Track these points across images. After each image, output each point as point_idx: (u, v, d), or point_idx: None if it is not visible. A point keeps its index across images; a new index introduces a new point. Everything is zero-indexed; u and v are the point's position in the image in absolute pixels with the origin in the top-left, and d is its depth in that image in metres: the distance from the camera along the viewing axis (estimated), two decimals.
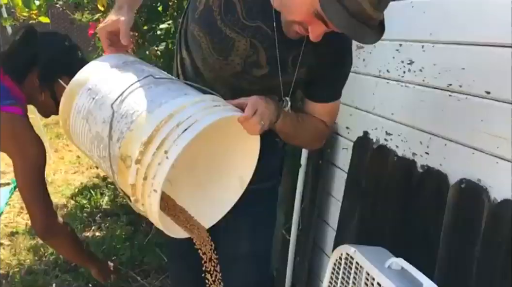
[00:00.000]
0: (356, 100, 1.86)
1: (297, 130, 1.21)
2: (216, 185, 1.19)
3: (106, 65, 1.10)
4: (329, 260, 1.29)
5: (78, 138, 1.10)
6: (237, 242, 1.35)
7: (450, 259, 1.29)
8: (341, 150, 1.97)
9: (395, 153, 1.58)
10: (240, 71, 1.17)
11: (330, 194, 2.03)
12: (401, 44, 1.57)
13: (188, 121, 0.94)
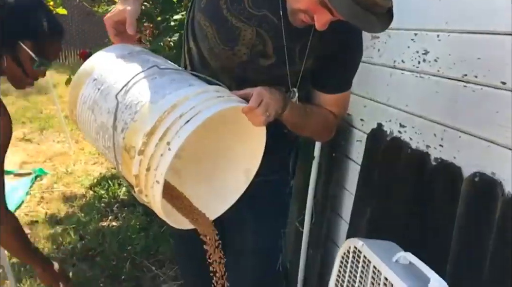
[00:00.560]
0: (371, 91, 1.83)
1: (305, 121, 1.19)
2: (222, 177, 1.18)
3: (112, 56, 1.10)
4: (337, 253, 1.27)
5: (84, 128, 1.10)
6: (244, 234, 1.34)
7: (463, 253, 1.26)
8: (355, 142, 1.94)
9: (409, 145, 1.55)
10: (246, 61, 1.16)
11: (343, 187, 2.01)
12: (416, 33, 1.53)
13: (190, 112, 0.93)
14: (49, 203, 3.32)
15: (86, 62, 1.11)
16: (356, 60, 1.24)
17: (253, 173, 1.15)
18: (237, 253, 1.35)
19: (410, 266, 1.05)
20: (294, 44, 1.14)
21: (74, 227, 2.87)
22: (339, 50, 1.16)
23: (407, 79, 1.58)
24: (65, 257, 2.59)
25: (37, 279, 2.35)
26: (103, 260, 2.51)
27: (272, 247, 1.35)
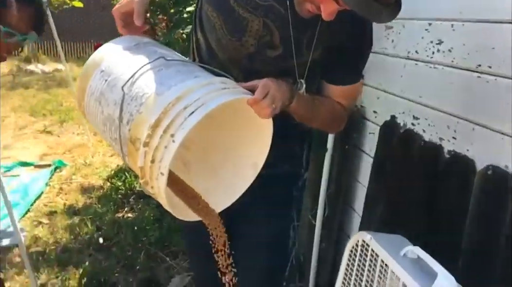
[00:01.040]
0: (384, 83, 1.80)
1: (313, 113, 1.18)
2: (229, 169, 1.17)
3: (119, 47, 1.10)
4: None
5: (92, 120, 1.11)
6: (254, 227, 1.33)
7: (475, 247, 1.23)
8: (368, 134, 1.91)
9: (422, 138, 1.52)
10: (254, 52, 1.15)
11: (356, 180, 1.99)
12: (431, 23, 1.50)
13: (195, 104, 0.93)
14: (68, 194, 3.38)
15: (94, 53, 1.12)
16: (365, 50, 1.22)
17: (260, 165, 1.14)
18: (246, 246, 1.35)
19: (418, 261, 1.03)
20: (302, 35, 1.13)
21: (91, 217, 2.91)
22: (347, 41, 1.14)
23: (420, 70, 1.55)
24: (82, 247, 2.64)
25: (54, 268, 2.41)
26: (119, 250, 2.55)
27: (281, 240, 1.34)
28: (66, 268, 2.42)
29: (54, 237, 2.75)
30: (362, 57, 1.22)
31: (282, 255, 1.37)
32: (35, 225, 2.91)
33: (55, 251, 2.58)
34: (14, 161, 4.06)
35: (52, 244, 2.66)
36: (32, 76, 8.24)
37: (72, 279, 2.31)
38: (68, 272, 2.38)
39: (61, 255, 2.54)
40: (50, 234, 2.78)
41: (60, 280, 2.32)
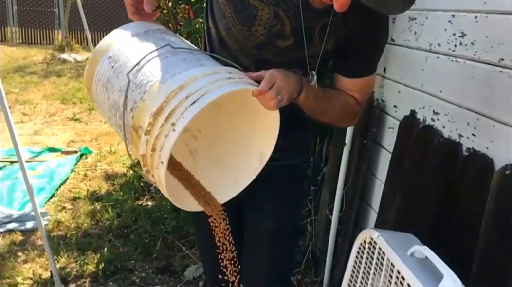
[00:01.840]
0: (406, 77, 1.75)
1: (324, 106, 1.14)
2: (236, 159, 1.16)
3: (128, 34, 1.10)
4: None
5: (99, 106, 1.11)
6: (261, 218, 1.32)
7: (490, 249, 1.18)
8: (387, 129, 1.86)
9: (441, 134, 1.47)
10: (264, 41, 1.12)
11: (374, 175, 1.94)
12: (454, 14, 1.44)
13: (197, 93, 0.91)
14: (92, 181, 3.44)
15: (103, 39, 1.12)
16: (380, 42, 1.17)
17: (266, 157, 1.12)
18: (253, 236, 1.34)
19: (425, 261, 0.99)
20: (314, 25, 1.09)
21: (112, 204, 2.96)
22: (361, 32, 1.10)
23: (442, 63, 1.49)
24: (102, 233, 2.68)
25: (74, 252, 2.46)
26: (137, 237, 2.58)
27: (288, 231, 1.32)
28: (85, 252, 2.46)
29: (76, 222, 2.80)
30: (377, 49, 1.18)
31: (289, 248, 1.35)
32: (59, 210, 2.98)
33: (76, 235, 2.63)
34: (42, 146, 4.17)
35: (73, 229, 2.72)
36: (65, 64, 8.42)
37: (90, 264, 2.36)
38: (87, 257, 2.42)
39: (81, 239, 2.59)
40: (72, 219, 2.84)
41: (79, 264, 2.37)
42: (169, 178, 1.02)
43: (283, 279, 1.35)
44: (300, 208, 1.38)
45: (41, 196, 3.14)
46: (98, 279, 2.27)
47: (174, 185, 1.05)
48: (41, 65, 8.21)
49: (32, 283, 2.20)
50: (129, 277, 2.30)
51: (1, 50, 9.46)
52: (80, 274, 2.30)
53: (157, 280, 2.29)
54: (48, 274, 2.25)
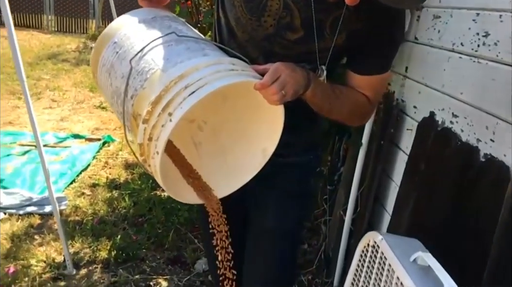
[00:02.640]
0: (426, 77, 1.69)
1: (332, 103, 1.10)
2: (239, 153, 1.14)
3: (135, 20, 1.09)
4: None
5: (103, 92, 1.11)
6: (262, 217, 1.29)
7: (503, 260, 1.13)
8: (405, 131, 1.80)
9: (459, 137, 1.40)
10: (273, 33, 1.09)
11: (389, 177, 1.89)
12: (479, 13, 1.37)
13: (197, 84, 0.89)
14: (112, 169, 3.48)
15: (110, 24, 1.11)
16: (395, 39, 1.12)
17: (270, 152, 1.09)
18: (255, 234, 1.32)
19: (428, 268, 0.95)
20: (325, 18, 1.06)
21: (129, 193, 2.98)
22: (374, 28, 1.06)
23: (464, 64, 1.43)
24: (117, 220, 2.71)
25: (88, 238, 2.49)
26: (150, 227, 2.59)
27: (290, 230, 1.29)
28: (99, 239, 2.49)
29: (93, 208, 2.84)
30: (391, 46, 1.13)
31: (291, 247, 1.32)
32: (78, 195, 3.02)
33: (92, 221, 2.67)
34: (68, 132, 4.24)
35: (90, 215, 2.75)
36: None
37: (103, 250, 2.38)
38: (100, 243, 2.45)
39: (96, 226, 2.62)
40: (90, 205, 2.88)
41: (92, 250, 2.39)
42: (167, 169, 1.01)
43: (283, 278, 1.31)
44: (306, 207, 1.33)
45: (62, 181, 3.20)
46: (109, 266, 2.29)
47: (171, 175, 1.04)
48: (74, 53, 8.37)
49: (45, 266, 2.24)
50: (140, 265, 2.31)
51: (37, 37, 9.71)
52: (93, 259, 2.33)
53: (167, 270, 2.29)
54: (61, 258, 2.28)
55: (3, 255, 2.29)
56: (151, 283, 2.17)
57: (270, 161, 1.11)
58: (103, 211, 2.81)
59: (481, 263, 1.17)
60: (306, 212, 1.35)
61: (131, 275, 2.23)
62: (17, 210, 2.73)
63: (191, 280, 2.23)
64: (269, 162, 1.11)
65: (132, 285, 2.15)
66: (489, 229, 1.17)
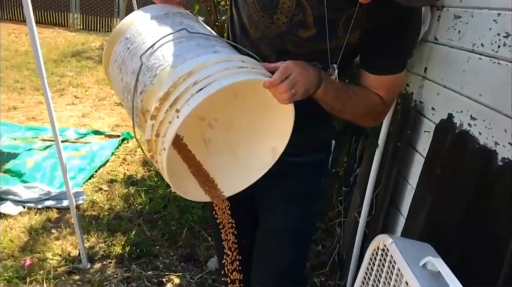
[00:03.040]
0: (446, 78, 1.65)
1: (345, 103, 1.08)
2: (248, 152, 1.13)
3: (148, 16, 1.09)
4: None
5: (115, 87, 1.11)
6: (270, 216, 1.28)
7: None
8: (422, 132, 1.77)
9: (477, 140, 1.37)
10: (285, 31, 1.08)
11: (405, 180, 1.85)
12: (500, 13, 1.33)
13: (205, 81, 0.89)
14: (130, 165, 3.51)
15: (123, 20, 1.11)
16: (410, 37, 1.10)
17: (279, 152, 1.08)
18: (263, 234, 1.31)
19: (438, 274, 0.92)
20: (338, 15, 1.04)
21: (145, 189, 3.01)
22: (388, 26, 1.04)
23: (484, 65, 1.39)
24: (133, 216, 2.73)
25: (104, 232, 2.52)
26: (164, 224, 2.61)
27: (298, 231, 1.27)
28: (114, 234, 2.51)
29: (110, 203, 2.87)
30: (406, 45, 1.10)
31: (299, 248, 1.30)
32: (96, 191, 3.06)
33: (108, 217, 2.69)
34: (88, 129, 4.30)
35: (106, 210, 2.78)
36: None
37: (117, 245, 2.40)
38: (115, 238, 2.47)
39: (112, 221, 2.64)
40: (107, 201, 2.91)
41: (107, 244, 2.42)
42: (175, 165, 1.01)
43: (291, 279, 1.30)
44: (315, 207, 1.32)
45: (80, 176, 3.25)
46: (123, 261, 2.31)
47: (179, 171, 1.03)
48: (98, 51, 8.49)
49: (60, 260, 2.27)
50: (153, 262, 2.32)
51: (62, 35, 9.88)
52: (107, 254, 2.35)
53: (180, 267, 2.30)
54: (77, 252, 2.31)
55: (20, 248, 2.33)
56: (163, 280, 2.18)
57: (280, 160, 1.10)
58: (120, 207, 2.84)
59: (496, 269, 1.14)
60: (316, 213, 1.33)
61: (144, 271, 2.24)
62: (35, 204, 2.78)
63: (203, 278, 2.23)
64: (279, 161, 1.10)
65: (144, 281, 2.17)
66: (505, 234, 1.13)
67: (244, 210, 1.33)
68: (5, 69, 6.41)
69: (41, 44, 6.85)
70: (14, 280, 2.07)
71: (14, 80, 5.83)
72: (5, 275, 2.08)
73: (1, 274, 2.09)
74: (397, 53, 1.10)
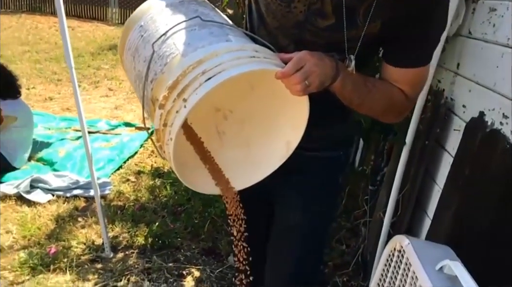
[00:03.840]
0: (478, 74, 1.56)
1: (363, 97, 1.03)
2: (262, 145, 1.10)
3: (163, 3, 1.07)
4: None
5: (128, 76, 1.10)
6: (287, 212, 1.25)
7: None
8: (452, 131, 1.69)
9: (508, 140, 1.29)
10: (303, 20, 1.04)
11: (433, 180, 1.78)
12: None
13: (214, 70, 0.86)
14: (157, 157, 3.53)
15: (139, 7, 1.10)
16: (435, 26, 1.03)
17: (293, 146, 1.05)
18: (280, 230, 1.27)
19: (454, 278, 0.87)
20: (358, 4, 0.99)
21: (171, 182, 3.02)
22: (414, 15, 0.98)
23: None
24: (157, 208, 2.75)
25: (128, 223, 2.54)
26: (187, 216, 2.61)
27: (316, 227, 1.23)
28: (138, 225, 2.54)
29: (136, 195, 2.90)
30: (430, 37, 1.04)
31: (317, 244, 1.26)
32: (123, 181, 3.10)
33: (133, 207, 2.72)
34: (120, 120, 4.37)
35: (132, 201, 2.81)
36: None
37: (140, 236, 2.42)
38: (139, 229, 2.50)
39: (137, 212, 2.67)
40: (133, 192, 2.94)
41: (130, 235, 2.44)
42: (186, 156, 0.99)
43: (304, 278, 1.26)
44: (332, 205, 1.27)
45: (109, 166, 3.29)
46: (145, 252, 2.33)
47: (190, 162, 1.01)
48: None
49: (84, 248, 2.31)
50: (175, 254, 2.33)
51: (101, 29, 10.10)
52: (130, 244, 2.37)
53: (201, 261, 2.29)
54: (101, 241, 2.34)
55: (47, 236, 2.38)
56: (183, 272, 2.18)
57: (296, 154, 1.06)
58: (145, 198, 2.86)
59: None
60: (333, 211, 1.28)
61: (165, 262, 2.25)
62: (64, 193, 2.84)
63: (223, 272, 2.22)
64: (295, 156, 1.06)
65: (165, 272, 2.17)
66: None
67: (260, 206, 1.30)
68: (44, 61, 6.61)
69: (80, 37, 7.10)
70: (39, 267, 2.11)
71: (52, 71, 6.00)
72: (30, 263, 2.13)
73: (27, 261, 2.14)
74: (421, 45, 1.04)
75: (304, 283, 1.23)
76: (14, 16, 10.65)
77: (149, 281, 2.10)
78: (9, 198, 2.74)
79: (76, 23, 10.29)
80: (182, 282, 2.13)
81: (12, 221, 2.52)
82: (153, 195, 2.91)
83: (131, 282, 2.09)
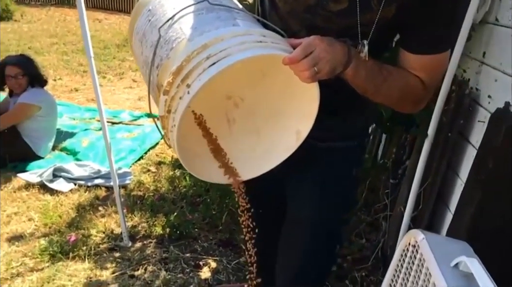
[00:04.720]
0: (505, 63, 1.49)
1: (379, 85, 0.98)
2: (272, 134, 1.06)
3: None
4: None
5: (136, 61, 1.09)
6: (299, 204, 1.21)
7: None
8: (476, 122, 1.62)
9: None
10: (314, 4, 0.99)
11: (456, 173, 1.71)
12: None
13: (219, 55, 0.83)
14: None
15: None
16: (453, 13, 0.97)
17: (303, 136, 1.01)
18: (291, 222, 1.24)
19: (470, 276, 0.82)
20: None
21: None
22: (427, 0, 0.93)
23: None
24: (176, 198, 2.75)
25: (147, 213, 2.55)
26: (205, 207, 2.60)
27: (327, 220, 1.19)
28: (157, 215, 2.54)
29: (156, 185, 2.91)
30: (448, 23, 0.98)
31: (328, 237, 1.23)
32: (144, 172, 3.12)
33: (153, 198, 2.73)
34: (143, 111, 4.39)
35: (151, 191, 2.83)
36: None
37: (158, 226, 2.43)
38: (157, 219, 2.50)
39: (156, 202, 2.67)
40: (153, 182, 2.95)
41: (148, 224, 2.45)
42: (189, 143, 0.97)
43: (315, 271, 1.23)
44: (345, 197, 1.23)
45: (131, 157, 3.32)
46: (163, 242, 2.33)
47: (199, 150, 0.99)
48: None
49: (103, 237, 2.33)
50: (192, 244, 2.32)
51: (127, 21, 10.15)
52: (148, 234, 2.38)
53: (218, 252, 2.28)
54: (120, 230, 2.35)
55: (67, 224, 2.42)
56: (200, 263, 2.17)
57: (309, 145, 1.03)
58: (164, 189, 2.87)
59: None
60: (345, 204, 1.24)
61: (182, 253, 2.25)
62: (86, 182, 2.87)
63: (240, 264, 2.20)
64: (307, 146, 1.03)
65: (181, 262, 2.17)
66: None
67: (273, 200, 1.27)
68: (71, 53, 6.72)
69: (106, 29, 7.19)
70: (58, 255, 2.14)
71: (78, 63, 6.09)
72: (50, 250, 2.16)
73: (47, 249, 2.17)
74: (438, 31, 0.98)
75: (315, 275, 1.20)
76: (44, 9, 10.87)
77: (165, 271, 2.11)
78: (32, 187, 2.78)
79: (103, 15, 10.43)
80: (199, 272, 2.12)
81: (34, 209, 2.56)
82: (172, 186, 2.91)
83: (148, 271, 2.10)
